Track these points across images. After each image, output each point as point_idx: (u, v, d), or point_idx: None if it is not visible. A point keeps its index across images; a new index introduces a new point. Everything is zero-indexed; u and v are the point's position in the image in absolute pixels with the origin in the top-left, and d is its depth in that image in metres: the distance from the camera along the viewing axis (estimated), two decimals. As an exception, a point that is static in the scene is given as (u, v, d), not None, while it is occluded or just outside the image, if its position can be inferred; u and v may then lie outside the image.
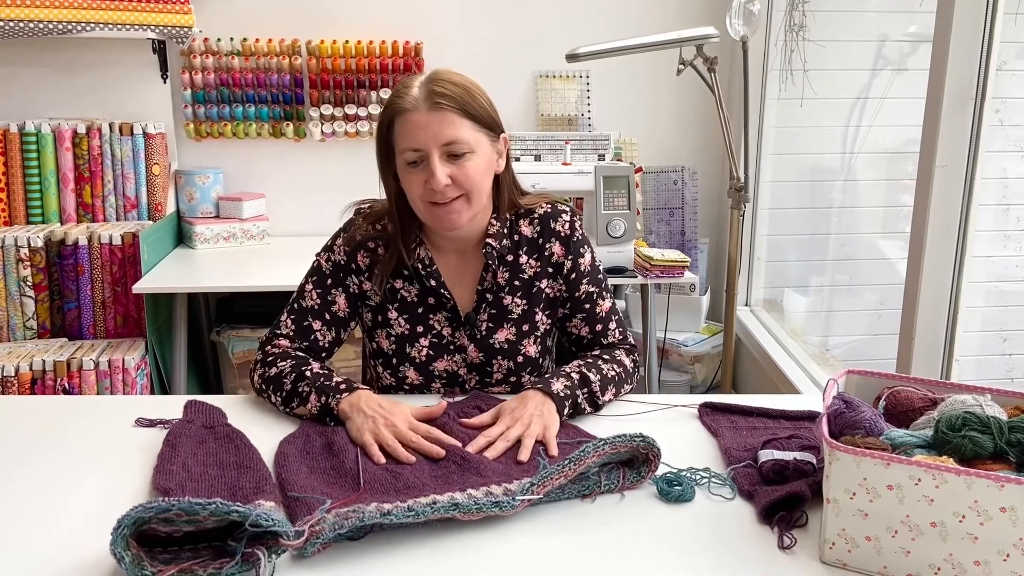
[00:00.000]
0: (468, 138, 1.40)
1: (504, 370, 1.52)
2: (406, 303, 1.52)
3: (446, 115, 1.38)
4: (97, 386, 2.48)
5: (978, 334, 2.67)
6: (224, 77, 2.98)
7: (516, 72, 3.13)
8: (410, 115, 1.39)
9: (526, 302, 1.53)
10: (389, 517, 1.00)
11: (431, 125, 1.38)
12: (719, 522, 1.10)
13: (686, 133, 3.26)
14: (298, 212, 3.11)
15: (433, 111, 1.38)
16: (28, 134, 2.75)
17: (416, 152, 1.39)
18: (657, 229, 3.21)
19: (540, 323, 1.54)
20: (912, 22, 2.75)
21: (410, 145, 1.39)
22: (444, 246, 1.53)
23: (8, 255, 2.59)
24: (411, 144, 1.39)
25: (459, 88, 1.40)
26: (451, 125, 1.38)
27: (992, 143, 2.18)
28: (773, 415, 1.40)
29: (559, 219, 1.55)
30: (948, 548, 0.93)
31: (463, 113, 1.39)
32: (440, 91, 1.38)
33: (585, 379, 1.42)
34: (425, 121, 1.38)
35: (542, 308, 1.54)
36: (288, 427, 1.33)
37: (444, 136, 1.38)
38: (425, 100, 1.38)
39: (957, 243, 1.83)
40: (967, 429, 1.00)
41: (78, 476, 1.20)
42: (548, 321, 1.56)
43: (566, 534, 1.07)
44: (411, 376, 1.52)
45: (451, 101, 1.38)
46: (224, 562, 0.94)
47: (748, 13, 2.39)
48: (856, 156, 2.99)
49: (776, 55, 3.03)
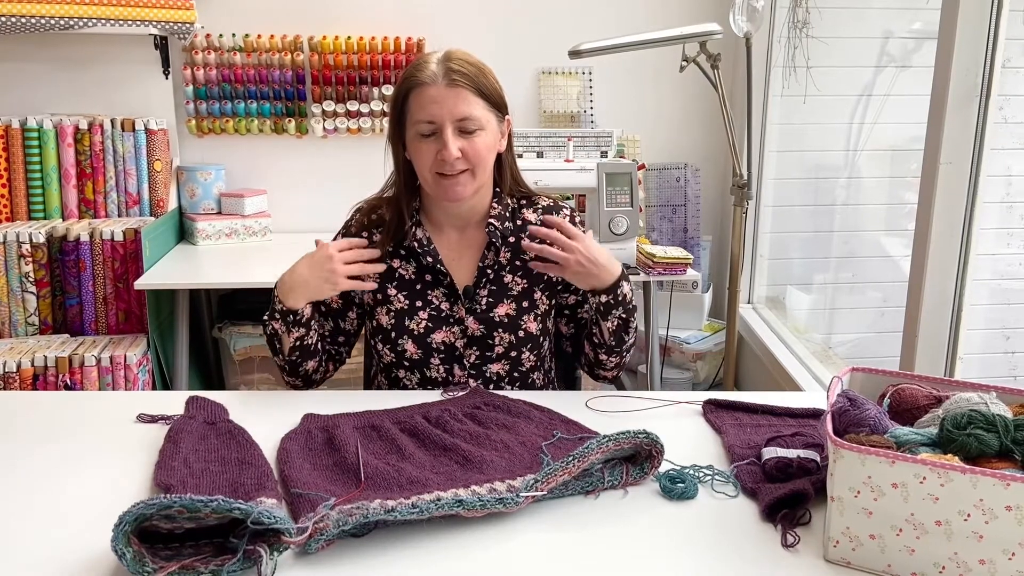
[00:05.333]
0: (480, 115, 1.47)
1: (505, 343, 1.55)
2: (404, 280, 1.57)
3: (462, 92, 1.45)
4: (99, 382, 2.48)
5: (982, 332, 2.67)
6: (226, 73, 2.98)
7: (519, 68, 3.13)
8: (427, 88, 1.45)
9: (526, 281, 1.58)
10: (393, 514, 1.00)
11: (447, 100, 1.44)
12: (722, 520, 1.10)
13: (689, 130, 3.26)
14: (300, 208, 3.11)
15: (450, 87, 1.45)
16: (30, 130, 2.75)
17: (430, 124, 1.45)
18: (660, 226, 3.21)
19: (540, 302, 1.58)
20: (916, 19, 2.74)
21: (425, 117, 1.45)
22: (444, 222, 1.59)
23: (10, 251, 2.59)
24: (426, 117, 1.45)
25: (474, 67, 1.48)
26: (465, 102, 1.45)
27: (997, 140, 2.18)
28: (777, 412, 1.39)
29: (560, 212, 1.63)
30: (953, 547, 0.93)
31: (477, 92, 1.47)
32: (457, 68, 1.46)
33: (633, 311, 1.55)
34: (442, 96, 1.44)
35: (542, 289, 1.59)
36: (290, 423, 1.33)
37: (459, 112, 1.45)
38: (443, 76, 1.45)
39: (961, 241, 1.82)
40: (972, 427, 0.99)
41: (79, 472, 1.20)
42: (548, 302, 1.60)
43: (569, 531, 1.07)
44: (410, 349, 1.55)
45: (467, 79, 1.46)
46: (226, 559, 0.94)
47: (752, 9, 2.38)
48: (859, 153, 2.99)
49: (780, 52, 3.02)
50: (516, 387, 1.59)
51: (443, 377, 1.56)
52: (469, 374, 1.56)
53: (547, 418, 1.36)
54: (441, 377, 1.56)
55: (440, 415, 1.34)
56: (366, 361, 1.77)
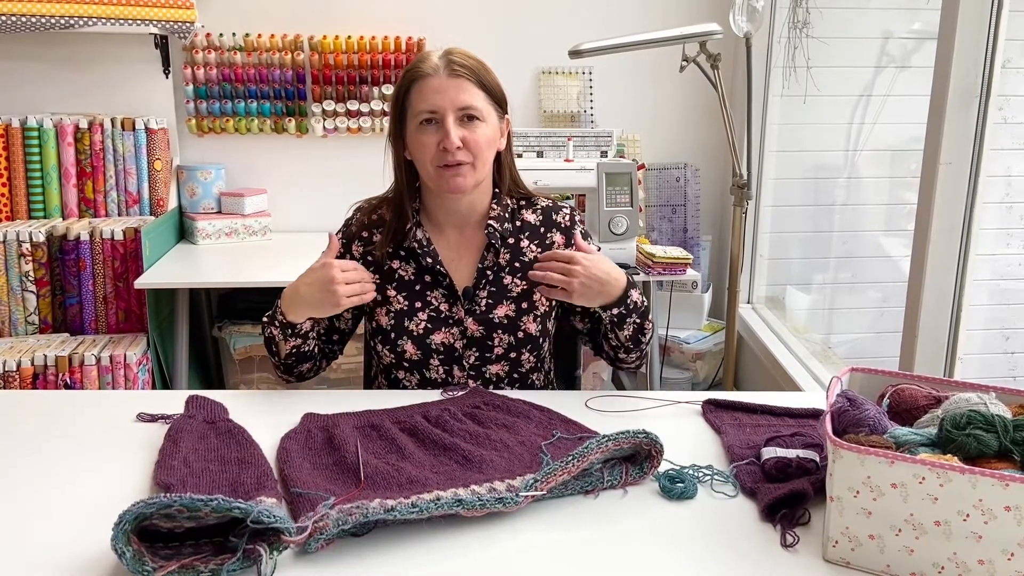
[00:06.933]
0: (481, 107, 1.49)
1: (505, 344, 1.55)
2: (403, 281, 1.57)
3: (463, 83, 1.48)
4: (99, 381, 2.48)
5: (981, 332, 2.67)
6: (226, 72, 2.98)
7: (519, 68, 3.13)
8: (430, 80, 1.48)
9: (526, 283, 1.58)
10: (393, 513, 1.00)
11: (449, 90, 1.47)
12: (721, 519, 1.10)
13: (689, 130, 3.26)
14: (300, 208, 3.11)
15: (452, 77, 1.48)
16: (30, 129, 2.75)
17: (432, 114, 1.47)
18: (659, 226, 3.21)
19: (539, 303, 1.58)
20: (916, 19, 2.74)
21: (427, 107, 1.47)
22: (444, 223, 1.59)
23: (10, 250, 2.59)
24: (428, 106, 1.47)
25: (476, 62, 1.52)
26: (467, 92, 1.48)
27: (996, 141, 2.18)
28: (777, 412, 1.39)
29: (560, 212, 1.64)
30: (952, 547, 0.93)
31: (479, 84, 1.50)
32: (459, 61, 1.49)
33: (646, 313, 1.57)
34: (444, 86, 1.47)
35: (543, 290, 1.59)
36: (290, 423, 1.33)
37: (460, 101, 1.47)
38: (445, 68, 1.48)
39: (961, 241, 1.82)
40: (972, 427, 0.99)
41: (79, 471, 1.20)
42: (547, 303, 1.60)
43: (569, 530, 1.07)
44: (409, 350, 1.55)
45: (468, 71, 1.49)
46: (226, 558, 0.94)
47: (752, 10, 2.38)
48: (859, 153, 2.99)
49: (780, 52, 3.02)
50: (515, 388, 1.59)
51: (443, 378, 1.56)
52: (468, 375, 1.56)
53: (547, 418, 1.36)
54: (441, 378, 1.56)
55: (440, 415, 1.34)
56: (366, 361, 1.77)
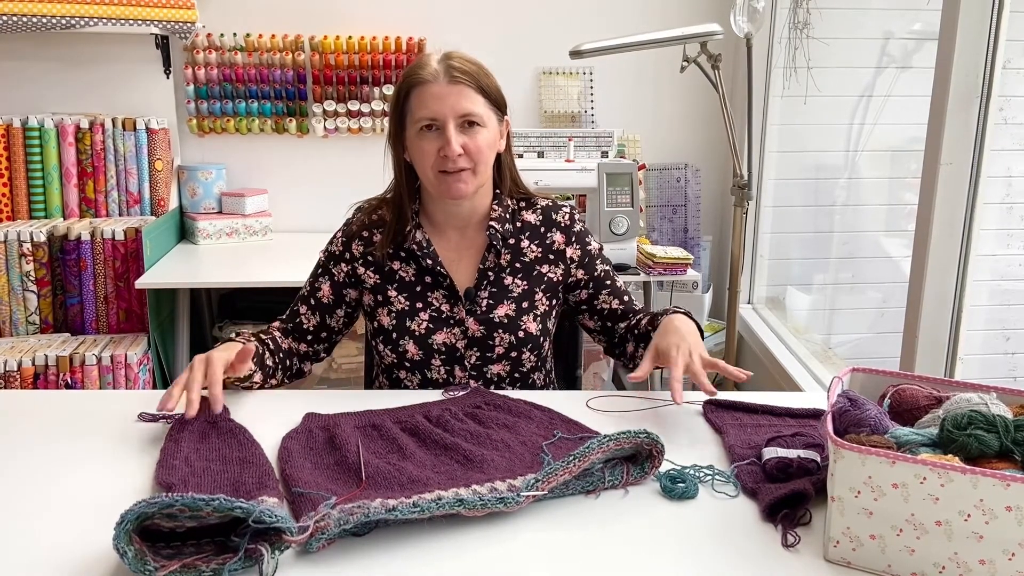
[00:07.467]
0: (481, 112, 1.49)
1: (505, 344, 1.56)
2: (404, 282, 1.58)
3: (463, 89, 1.47)
4: (100, 381, 2.48)
5: (982, 332, 2.67)
6: (227, 72, 2.98)
7: (519, 68, 3.13)
8: (429, 86, 1.47)
9: (526, 283, 1.58)
10: (394, 513, 1.00)
11: (449, 97, 1.46)
12: (722, 519, 1.10)
13: (689, 130, 3.26)
14: (301, 208, 3.11)
15: (452, 84, 1.47)
16: (31, 129, 2.75)
17: (433, 120, 1.47)
18: (660, 226, 3.21)
19: (540, 303, 1.59)
20: (917, 19, 2.74)
21: (427, 114, 1.47)
22: (444, 224, 1.59)
23: (11, 250, 2.59)
24: (428, 113, 1.47)
25: (475, 66, 1.51)
26: (467, 98, 1.47)
27: (997, 141, 2.18)
28: (778, 412, 1.39)
29: (560, 211, 1.64)
30: (953, 547, 0.93)
31: (478, 89, 1.49)
32: (459, 67, 1.48)
33: None
34: (444, 92, 1.47)
35: (543, 290, 1.60)
36: (291, 423, 1.33)
37: (461, 108, 1.47)
38: (444, 74, 1.47)
39: (961, 241, 1.82)
40: (973, 428, 0.99)
41: (80, 471, 1.20)
42: (548, 303, 1.60)
43: (569, 530, 1.07)
44: (411, 350, 1.55)
45: (468, 77, 1.48)
46: (227, 558, 0.94)
47: (752, 10, 2.39)
48: (860, 154, 2.99)
49: (780, 52, 3.02)
50: (516, 387, 1.59)
51: (444, 378, 1.56)
52: (470, 375, 1.56)
53: (548, 418, 1.36)
54: (442, 378, 1.56)
55: (441, 414, 1.34)
56: (367, 361, 1.78)
